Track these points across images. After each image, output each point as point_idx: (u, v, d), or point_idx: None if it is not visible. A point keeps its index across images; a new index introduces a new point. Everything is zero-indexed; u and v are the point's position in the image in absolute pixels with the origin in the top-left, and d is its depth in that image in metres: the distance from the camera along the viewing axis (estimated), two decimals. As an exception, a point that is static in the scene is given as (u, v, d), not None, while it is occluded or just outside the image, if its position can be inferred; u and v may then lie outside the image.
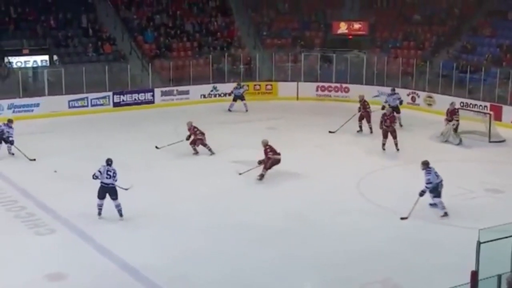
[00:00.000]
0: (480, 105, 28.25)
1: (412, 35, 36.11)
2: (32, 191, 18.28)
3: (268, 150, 19.86)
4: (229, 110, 29.56)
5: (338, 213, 17.21)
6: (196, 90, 32.46)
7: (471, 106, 28.22)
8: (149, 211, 17.08)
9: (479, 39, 33.68)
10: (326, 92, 33.71)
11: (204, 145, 22.61)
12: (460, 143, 24.23)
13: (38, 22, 33.24)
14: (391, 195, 18.45)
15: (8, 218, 16.68)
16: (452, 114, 24.74)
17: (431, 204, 17.04)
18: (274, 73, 34.74)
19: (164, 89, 32.01)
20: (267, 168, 19.79)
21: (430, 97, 30.61)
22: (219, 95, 32.60)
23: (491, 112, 26.33)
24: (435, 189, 16.65)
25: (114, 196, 16.39)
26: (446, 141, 24.22)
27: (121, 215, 16.40)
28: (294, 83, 33.81)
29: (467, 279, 10.93)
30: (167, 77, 32.66)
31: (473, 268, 11.21)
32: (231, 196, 18.48)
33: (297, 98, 33.46)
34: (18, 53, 31.44)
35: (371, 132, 25.22)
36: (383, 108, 25.49)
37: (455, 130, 24.52)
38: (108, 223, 16.25)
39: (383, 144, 22.95)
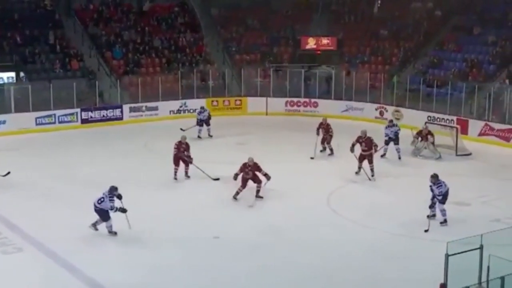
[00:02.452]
0: (447, 119, 28.60)
1: (379, 50, 36.49)
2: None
3: (260, 166, 19.28)
4: (199, 137, 27.73)
5: (310, 227, 17.27)
6: (165, 106, 32.43)
7: (438, 120, 28.56)
8: (120, 227, 16.91)
9: (446, 54, 34.16)
10: (295, 107, 33.86)
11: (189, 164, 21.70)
12: (439, 157, 24.44)
13: (4, 38, 32.97)
14: (361, 210, 18.58)
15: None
16: (427, 135, 24.68)
17: (429, 216, 17.18)
18: (243, 88, 34.83)
19: (132, 105, 31.92)
20: (244, 186, 19.24)
21: (398, 111, 30.89)
22: (188, 111, 32.52)
23: (458, 126, 26.70)
24: (445, 197, 17.16)
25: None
26: (419, 156, 24.48)
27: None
28: (263, 99, 33.95)
29: (436, 291, 11.03)
30: (136, 93, 32.58)
31: (442, 281, 11.32)
32: (205, 212, 18.41)
33: (266, 113, 33.58)
34: (-16, 70, 31.14)
35: (332, 153, 24.87)
36: (387, 143, 24.42)
37: (433, 144, 24.71)
38: (77, 241, 16.04)
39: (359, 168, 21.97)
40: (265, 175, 19.32)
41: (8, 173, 20.34)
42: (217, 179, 21.16)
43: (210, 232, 16.68)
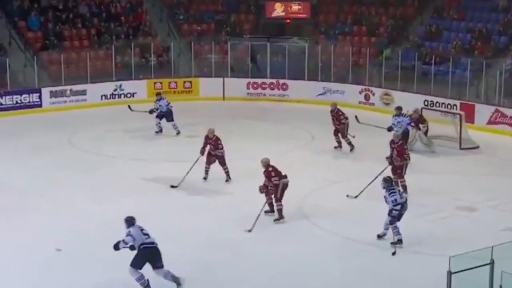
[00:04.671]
0: (448, 104, 28.90)
1: (363, 18, 36.70)
2: None
3: (273, 173, 18.46)
4: (159, 132, 27.17)
5: (276, 240, 17.27)
6: (95, 90, 32.39)
7: (437, 105, 28.84)
8: (36, 243, 16.83)
9: (446, 23, 34.47)
10: (259, 90, 33.99)
11: (223, 165, 21.49)
12: (435, 150, 24.60)
13: None
14: (341, 218, 18.60)
15: None
16: (418, 122, 24.75)
17: (379, 236, 17.14)
18: (194, 67, 34.85)
19: (54, 88, 31.79)
20: (280, 198, 18.51)
21: (388, 94, 31.13)
22: (125, 95, 32.42)
23: (462, 112, 26.86)
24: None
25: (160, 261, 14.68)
26: (411, 150, 24.58)
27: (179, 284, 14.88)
28: (220, 79, 34.05)
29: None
30: (58, 73, 32.40)
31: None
32: (141, 222, 18.27)
33: (223, 98, 33.73)
34: None
35: (338, 146, 24.92)
36: (389, 129, 23.81)
37: (426, 134, 24.83)
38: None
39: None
40: (264, 188, 18.69)
41: None
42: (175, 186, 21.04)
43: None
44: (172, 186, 20.85)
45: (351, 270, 15.71)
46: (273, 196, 18.39)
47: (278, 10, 37.79)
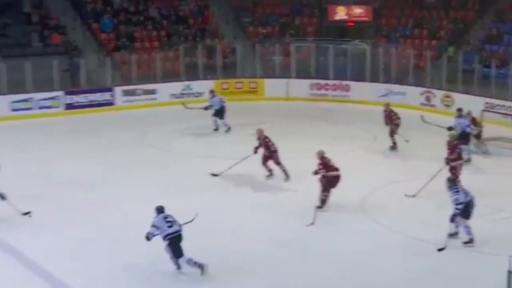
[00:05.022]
0: (509, 106, 28.51)
1: (424, 22, 36.45)
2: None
3: (321, 166, 18.81)
4: (216, 129, 27.45)
5: (340, 237, 17.30)
6: (165, 89, 32.68)
7: (497, 107, 28.54)
8: (113, 233, 17.06)
9: (506, 26, 34.06)
10: (322, 91, 33.97)
11: (278, 163, 21.51)
12: (486, 152, 24.42)
13: (-30, 7, 33.26)
14: (402, 217, 18.56)
15: None
16: (473, 124, 24.34)
17: (451, 235, 17.07)
18: (259, 68, 34.95)
19: (126, 88, 32.21)
20: (326, 189, 18.89)
21: (449, 96, 30.88)
22: (193, 95, 32.69)
23: (523, 115, 26.64)
24: (465, 209, 16.54)
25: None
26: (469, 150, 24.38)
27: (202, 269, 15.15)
28: (284, 80, 34.05)
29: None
30: (129, 73, 32.82)
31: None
32: (213, 216, 18.42)
33: (287, 98, 33.71)
34: None
35: (394, 147, 24.76)
36: (449, 129, 22.98)
37: (478, 137, 24.58)
38: (60, 251, 16.27)
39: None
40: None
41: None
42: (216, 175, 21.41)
43: (209, 244, 16.54)
44: (213, 175, 21.20)
45: (415, 270, 15.60)
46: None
47: (341, 14, 37.79)
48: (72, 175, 21.49)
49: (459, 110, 24.29)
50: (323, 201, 18.81)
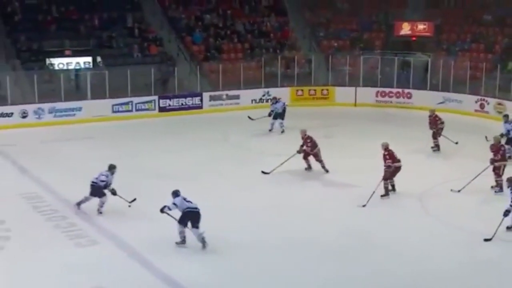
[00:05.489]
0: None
1: (481, 37, 35.80)
2: (74, 201, 18.44)
3: (387, 156, 19.32)
4: (270, 130, 27.67)
5: (402, 231, 17.09)
6: (247, 95, 32.74)
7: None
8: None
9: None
10: (386, 98, 33.62)
11: (318, 161, 21.83)
12: None
13: (81, 21, 33.93)
14: (459, 213, 18.24)
15: (48, 228, 16.98)
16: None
17: (508, 227, 16.78)
18: (331, 77, 34.77)
19: (213, 93, 32.34)
20: (387, 178, 19.35)
21: (501, 104, 30.24)
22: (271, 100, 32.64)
23: None
24: None
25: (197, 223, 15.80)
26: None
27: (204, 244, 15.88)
28: (352, 88, 33.82)
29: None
30: (216, 80, 32.94)
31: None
32: (286, 209, 18.46)
33: (355, 104, 33.49)
34: (60, 54, 32.06)
35: (436, 149, 24.49)
36: (501, 135, 22.67)
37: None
38: (152, 237, 16.42)
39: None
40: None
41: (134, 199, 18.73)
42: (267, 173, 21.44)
43: (289, 233, 16.68)
44: (264, 172, 21.20)
45: (475, 263, 15.37)
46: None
47: (406, 29, 37.32)
48: (163, 169, 21.76)
49: (506, 116, 23.97)
50: (386, 189, 19.26)
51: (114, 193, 17.77)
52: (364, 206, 18.47)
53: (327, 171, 21.67)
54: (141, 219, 17.29)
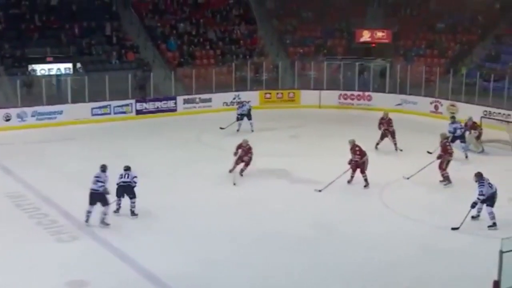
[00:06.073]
0: (504, 114, 28.02)
1: (435, 43, 36.02)
2: (55, 199, 18.32)
3: (358, 152, 19.77)
4: (238, 130, 27.37)
5: (361, 222, 17.21)
6: (219, 98, 32.54)
7: (494, 114, 28.06)
8: (172, 219, 17.11)
9: (504, 48, 33.52)
10: (348, 101, 33.66)
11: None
12: (482, 151, 24.12)
13: (62, 30, 33.59)
14: (414, 206, 18.38)
15: (31, 225, 16.75)
16: (471, 128, 24.22)
17: (473, 217, 16.89)
18: (297, 81, 34.74)
19: (186, 97, 32.14)
20: (365, 171, 19.85)
21: (453, 105, 30.42)
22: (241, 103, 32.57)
23: (515, 121, 26.22)
24: (490, 199, 16.62)
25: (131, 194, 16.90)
26: (468, 150, 23.94)
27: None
28: (317, 91, 33.80)
29: (489, 289, 10.88)
30: (190, 85, 32.70)
31: (495, 278, 11.15)
32: (257, 205, 18.42)
33: (320, 106, 33.47)
34: (42, 61, 31.71)
35: (396, 149, 24.38)
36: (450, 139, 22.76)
37: (478, 138, 24.32)
38: (131, 231, 16.28)
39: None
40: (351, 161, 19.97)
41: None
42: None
43: (259, 226, 16.70)
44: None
45: (416, 248, 15.54)
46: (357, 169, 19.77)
47: (366, 36, 37.39)
48: (140, 167, 21.36)
49: (452, 117, 24.53)
50: (367, 180, 19.80)
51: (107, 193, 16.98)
52: (320, 191, 19.09)
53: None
54: (120, 216, 17.12)
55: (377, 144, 24.41)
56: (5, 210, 17.85)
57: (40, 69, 31.38)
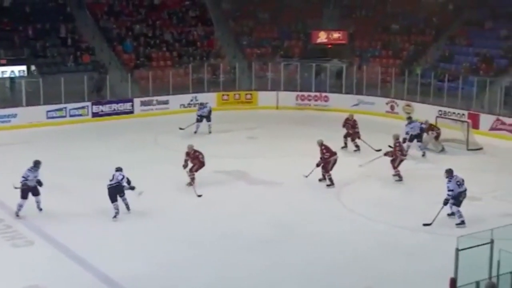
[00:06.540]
0: (458, 113, 28.43)
1: (390, 44, 36.36)
2: (9, 204, 17.99)
3: (324, 150, 19.93)
4: (195, 132, 27.30)
5: (320, 222, 17.28)
6: (176, 100, 32.35)
7: (449, 114, 28.43)
8: (129, 221, 16.96)
9: (457, 48, 34.02)
10: (305, 101, 33.76)
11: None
12: (442, 150, 24.42)
13: (15, 32, 33.05)
14: (373, 205, 18.55)
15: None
16: (428, 130, 24.44)
17: (449, 214, 17.07)
18: (254, 82, 34.74)
19: (143, 99, 31.89)
20: (329, 170, 19.95)
21: (409, 105, 30.74)
22: (199, 105, 32.40)
23: (469, 120, 26.60)
24: (456, 198, 16.78)
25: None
26: (426, 149, 24.22)
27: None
28: (274, 92, 33.83)
29: (446, 286, 10.97)
30: (147, 87, 32.45)
31: (452, 275, 11.26)
32: (216, 206, 18.38)
33: (277, 107, 33.50)
34: (-5, 63, 31.15)
35: (357, 149, 24.51)
36: (404, 141, 23.01)
37: (436, 138, 24.60)
38: (87, 235, 16.09)
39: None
40: (320, 163, 20.06)
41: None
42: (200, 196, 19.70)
43: (218, 228, 16.68)
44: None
45: (375, 246, 15.68)
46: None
47: (322, 38, 37.57)
48: (96, 171, 21.30)
49: (409, 117, 24.99)
50: (331, 180, 19.89)
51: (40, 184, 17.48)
52: (306, 176, 19.85)
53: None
54: (76, 219, 16.97)
55: (345, 146, 24.54)
56: (-42, 216, 17.44)
57: (-7, 71, 30.86)
